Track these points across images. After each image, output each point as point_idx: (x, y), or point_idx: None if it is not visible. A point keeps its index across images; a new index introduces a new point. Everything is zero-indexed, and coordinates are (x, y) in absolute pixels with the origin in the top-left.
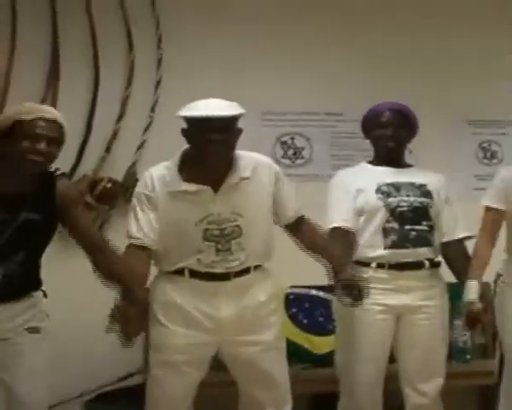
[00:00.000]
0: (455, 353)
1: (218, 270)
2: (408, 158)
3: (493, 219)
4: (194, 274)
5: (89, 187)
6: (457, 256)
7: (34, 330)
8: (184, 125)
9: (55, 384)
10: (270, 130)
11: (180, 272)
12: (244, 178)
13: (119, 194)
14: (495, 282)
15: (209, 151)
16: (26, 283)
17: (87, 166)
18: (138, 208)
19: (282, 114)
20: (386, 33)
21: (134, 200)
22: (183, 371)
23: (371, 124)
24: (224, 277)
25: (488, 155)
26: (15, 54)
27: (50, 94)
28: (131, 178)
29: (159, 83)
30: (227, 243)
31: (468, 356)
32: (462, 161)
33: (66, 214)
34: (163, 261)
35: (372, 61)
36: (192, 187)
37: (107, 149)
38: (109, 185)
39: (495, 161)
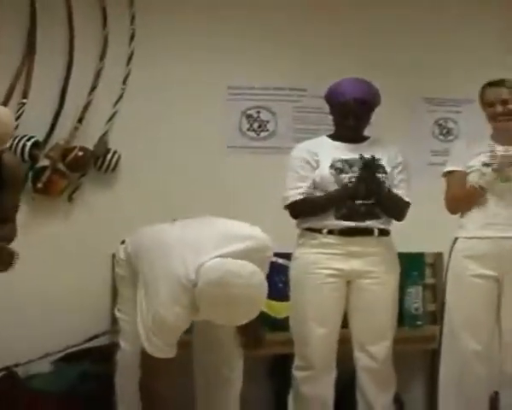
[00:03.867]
0: (407, 319)
1: None
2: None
3: (459, 177)
4: None
5: (61, 155)
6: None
7: None
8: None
9: (23, 343)
10: (235, 103)
11: None
12: None
13: (89, 162)
14: (451, 248)
15: None
16: None
17: (60, 135)
18: None
19: (247, 88)
20: (347, 12)
21: None
22: None
23: (335, 107)
24: None
25: (444, 131)
26: None
27: (26, 65)
28: (102, 148)
29: (131, 57)
30: None
31: (420, 322)
32: (419, 137)
33: (6, 179)
34: None
35: (334, 39)
36: None
37: (80, 120)
38: (81, 154)
39: (450, 137)
